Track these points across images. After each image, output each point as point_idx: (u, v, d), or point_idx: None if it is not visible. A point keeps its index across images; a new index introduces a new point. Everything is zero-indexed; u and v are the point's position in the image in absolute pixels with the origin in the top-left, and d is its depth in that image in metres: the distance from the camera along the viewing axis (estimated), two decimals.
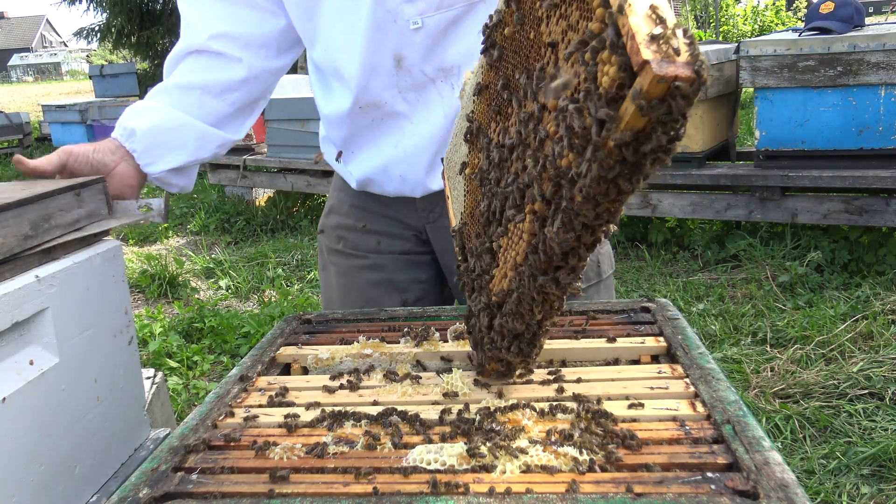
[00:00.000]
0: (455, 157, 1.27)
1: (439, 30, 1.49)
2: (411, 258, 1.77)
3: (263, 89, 1.71)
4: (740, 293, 4.39)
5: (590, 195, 0.83)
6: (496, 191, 1.07)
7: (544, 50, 0.94)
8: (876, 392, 3.10)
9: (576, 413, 1.03)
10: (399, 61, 1.51)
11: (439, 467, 0.91)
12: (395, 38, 1.49)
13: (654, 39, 0.69)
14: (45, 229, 1.28)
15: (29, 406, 1.15)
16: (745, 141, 6.85)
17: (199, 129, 1.61)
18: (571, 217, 0.87)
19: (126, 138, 1.56)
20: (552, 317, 1.06)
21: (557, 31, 0.90)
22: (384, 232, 1.76)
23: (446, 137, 1.54)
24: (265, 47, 1.64)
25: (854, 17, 4.44)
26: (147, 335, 4.35)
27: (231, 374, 1.27)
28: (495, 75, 1.09)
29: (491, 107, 1.10)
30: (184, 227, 7.54)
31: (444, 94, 1.54)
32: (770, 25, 13.10)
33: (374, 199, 1.73)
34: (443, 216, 1.68)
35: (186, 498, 0.89)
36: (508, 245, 1.04)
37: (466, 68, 1.49)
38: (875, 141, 4.29)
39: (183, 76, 1.63)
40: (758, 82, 4.47)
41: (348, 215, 1.79)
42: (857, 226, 4.52)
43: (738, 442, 0.92)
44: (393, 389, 1.17)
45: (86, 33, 14.44)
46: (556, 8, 0.90)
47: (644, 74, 0.69)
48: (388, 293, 1.77)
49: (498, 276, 1.08)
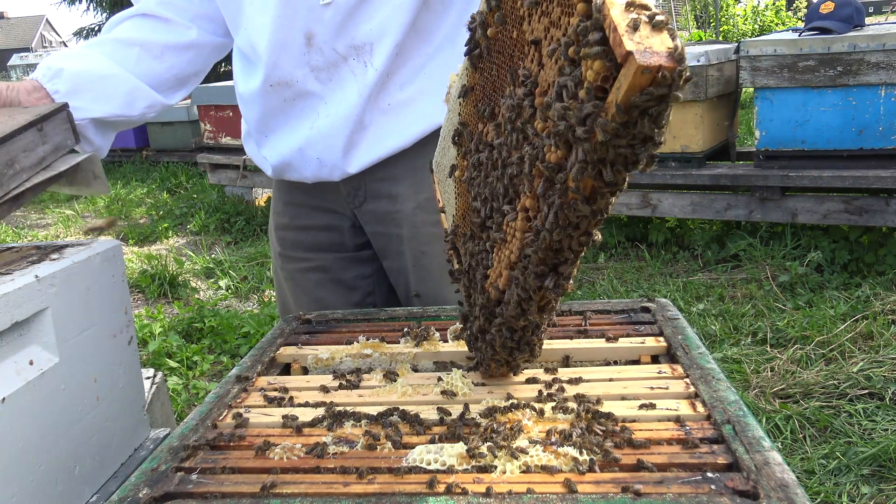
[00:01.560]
0: (444, 161, 1.27)
1: (350, 6, 1.46)
2: (352, 256, 1.77)
3: (203, 63, 1.70)
4: (740, 293, 4.39)
5: (580, 189, 0.83)
6: (486, 191, 1.07)
7: (527, 48, 0.94)
8: (876, 392, 3.10)
9: (576, 413, 1.03)
10: (310, 39, 1.48)
11: (439, 467, 0.91)
12: (304, 15, 1.47)
13: (635, 30, 0.71)
14: (9, 176, 1.18)
15: (29, 406, 1.15)
16: (745, 141, 6.85)
17: (131, 83, 1.57)
18: (565, 213, 0.87)
19: (49, 78, 1.48)
20: (549, 315, 1.06)
21: (540, 29, 0.91)
22: (318, 226, 1.75)
23: (362, 117, 1.53)
24: (213, 22, 1.66)
25: (854, 17, 4.44)
26: (147, 335, 4.35)
27: (231, 374, 1.27)
28: (480, 76, 1.10)
29: (477, 108, 1.11)
30: (184, 227, 7.54)
31: (357, 72, 1.51)
32: (770, 25, 13.09)
33: (301, 190, 1.72)
34: (369, 199, 1.67)
35: (186, 498, 0.89)
36: (502, 244, 1.04)
37: (378, 46, 1.48)
38: (875, 141, 4.29)
39: (124, 32, 1.62)
40: (758, 82, 4.47)
41: (283, 213, 1.78)
42: (857, 226, 4.52)
43: (738, 442, 0.92)
44: (393, 389, 1.17)
45: (85, 33, 14.44)
46: (538, 6, 0.91)
47: (628, 65, 0.71)
48: (336, 293, 1.77)
49: (493, 276, 1.08)
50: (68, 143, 1.35)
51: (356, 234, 1.75)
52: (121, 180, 9.15)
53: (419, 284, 1.69)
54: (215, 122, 7.29)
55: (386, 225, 1.68)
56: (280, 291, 1.87)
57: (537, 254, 0.94)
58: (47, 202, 8.85)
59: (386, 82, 1.53)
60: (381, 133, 1.56)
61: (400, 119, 1.55)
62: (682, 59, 0.70)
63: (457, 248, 1.23)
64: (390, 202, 1.65)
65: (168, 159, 9.40)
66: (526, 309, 1.03)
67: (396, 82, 1.54)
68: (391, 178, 1.62)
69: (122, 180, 9.15)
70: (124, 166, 9.71)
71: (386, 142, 1.57)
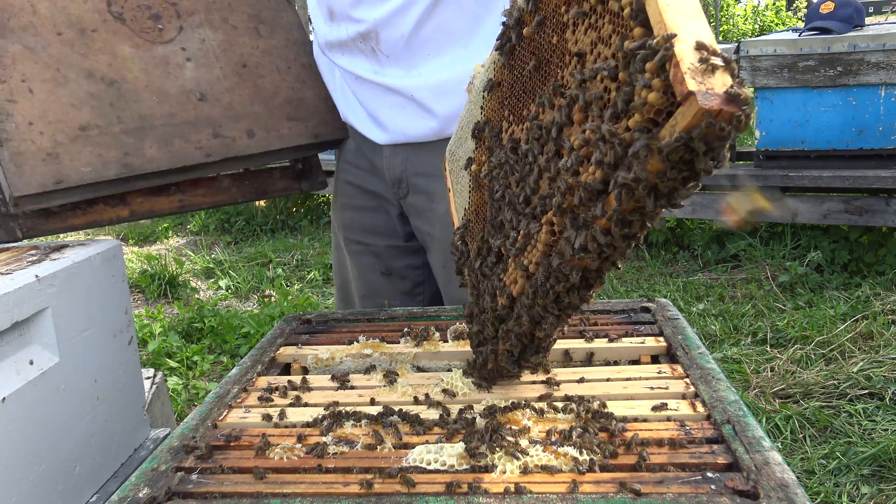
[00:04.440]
0: (460, 151, 1.25)
1: None
2: (403, 245, 1.80)
3: None
4: (740, 293, 4.38)
5: (616, 216, 0.82)
6: (507, 193, 1.06)
7: (569, 58, 0.91)
8: (876, 392, 3.10)
9: (576, 413, 1.03)
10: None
11: (439, 467, 0.91)
12: None
13: (700, 69, 0.69)
14: None
15: (29, 406, 1.15)
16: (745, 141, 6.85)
17: None
18: (594, 235, 0.86)
19: None
20: (561, 325, 1.05)
21: (586, 42, 0.87)
22: (372, 208, 1.79)
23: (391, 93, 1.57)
24: None
25: (854, 17, 4.44)
26: (147, 335, 4.34)
27: (231, 374, 1.27)
28: (509, 73, 1.07)
29: (504, 105, 1.08)
30: (184, 227, 7.54)
31: (367, 53, 1.58)
32: (770, 25, 13.09)
33: (360, 169, 1.78)
34: (411, 193, 1.70)
35: (186, 498, 0.89)
36: (519, 251, 1.03)
37: (384, 33, 1.52)
38: (875, 141, 4.29)
39: None
40: (758, 82, 4.47)
41: (343, 193, 1.85)
42: (857, 226, 4.52)
43: (738, 442, 0.92)
44: (393, 389, 1.17)
45: None
46: (585, 17, 0.87)
47: (688, 105, 0.69)
48: (388, 280, 1.81)
49: (508, 281, 1.07)
50: None
51: (404, 222, 1.79)
52: None
53: (446, 287, 1.72)
54: None
55: (423, 221, 1.71)
56: (341, 271, 1.93)
57: (556, 272, 0.93)
58: None
59: (396, 69, 1.56)
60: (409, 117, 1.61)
61: (423, 113, 1.58)
62: (745, 103, 0.68)
63: (466, 244, 1.22)
64: (427, 199, 1.68)
65: None
66: (539, 320, 1.02)
67: (414, 72, 1.56)
68: (429, 175, 1.64)
69: None
70: None
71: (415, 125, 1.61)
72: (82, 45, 1.49)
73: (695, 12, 0.74)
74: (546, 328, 1.03)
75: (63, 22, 1.48)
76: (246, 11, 1.71)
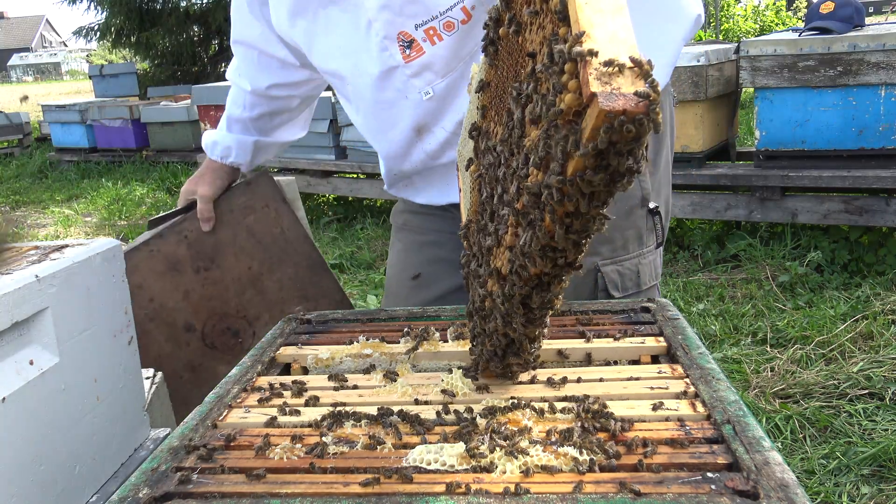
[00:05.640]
0: (464, 152, 1.26)
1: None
2: None
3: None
4: (740, 293, 4.38)
5: (556, 216, 0.81)
6: (491, 192, 1.06)
7: (526, 59, 0.91)
8: (876, 392, 3.10)
9: (576, 413, 1.03)
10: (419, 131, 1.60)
11: (439, 467, 0.91)
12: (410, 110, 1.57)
13: (605, 72, 0.67)
14: None
15: (29, 406, 1.15)
16: (745, 141, 6.85)
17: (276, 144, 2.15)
18: (538, 236, 0.85)
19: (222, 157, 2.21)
20: (538, 328, 1.05)
21: (536, 42, 0.87)
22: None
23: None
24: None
25: (854, 17, 4.44)
26: None
27: (231, 374, 1.27)
28: (495, 73, 1.08)
29: (491, 105, 1.10)
30: None
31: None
32: (770, 25, 13.09)
33: None
34: None
35: (186, 498, 0.89)
36: (497, 252, 1.03)
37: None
38: (875, 141, 4.29)
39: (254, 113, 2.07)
40: (758, 82, 4.47)
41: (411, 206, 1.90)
42: (857, 226, 4.52)
43: (738, 442, 0.92)
44: (393, 389, 1.17)
45: (85, 32, 14.43)
46: (536, 16, 0.87)
47: (593, 106, 0.67)
48: (444, 271, 1.80)
49: (489, 282, 1.08)
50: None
51: None
52: (121, 180, 9.14)
53: None
54: (215, 122, 7.25)
55: None
56: (389, 268, 1.95)
57: (517, 272, 0.93)
58: (46, 202, 8.85)
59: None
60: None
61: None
62: (655, 104, 0.66)
63: (469, 243, 1.22)
64: None
65: (168, 159, 9.39)
66: (509, 321, 1.02)
67: None
68: None
69: (122, 180, 9.14)
70: (124, 166, 9.69)
71: None
72: None
73: (615, 9, 0.72)
74: (517, 328, 1.02)
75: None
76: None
